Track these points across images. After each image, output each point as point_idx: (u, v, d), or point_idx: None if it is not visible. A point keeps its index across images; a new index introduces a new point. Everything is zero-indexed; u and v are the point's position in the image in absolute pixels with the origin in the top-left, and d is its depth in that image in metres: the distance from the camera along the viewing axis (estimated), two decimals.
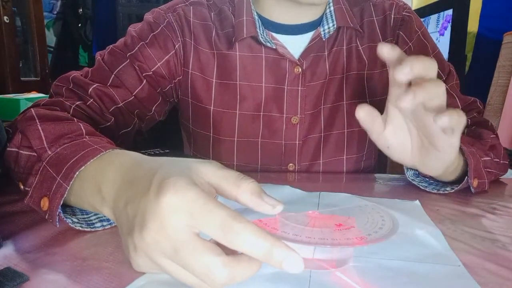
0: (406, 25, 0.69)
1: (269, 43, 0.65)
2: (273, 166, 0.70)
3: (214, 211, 0.26)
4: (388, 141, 0.47)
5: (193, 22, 0.66)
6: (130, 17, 2.63)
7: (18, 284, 0.30)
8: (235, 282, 0.27)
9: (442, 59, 0.71)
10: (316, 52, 0.66)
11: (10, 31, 1.71)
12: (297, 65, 0.66)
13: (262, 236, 0.26)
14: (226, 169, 0.31)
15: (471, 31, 1.63)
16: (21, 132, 0.46)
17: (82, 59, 2.79)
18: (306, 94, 0.67)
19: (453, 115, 0.36)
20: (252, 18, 0.65)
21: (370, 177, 0.67)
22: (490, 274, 0.33)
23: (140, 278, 0.31)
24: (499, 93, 1.31)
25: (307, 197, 0.51)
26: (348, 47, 0.68)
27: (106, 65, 0.62)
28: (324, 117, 0.69)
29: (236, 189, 0.30)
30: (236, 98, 0.67)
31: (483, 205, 0.51)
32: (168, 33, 0.65)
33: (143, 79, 0.63)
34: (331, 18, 0.66)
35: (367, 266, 0.33)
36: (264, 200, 0.30)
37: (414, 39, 0.69)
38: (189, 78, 0.67)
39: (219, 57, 0.66)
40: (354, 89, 0.69)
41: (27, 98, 1.56)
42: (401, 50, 0.41)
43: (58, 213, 0.38)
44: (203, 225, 0.27)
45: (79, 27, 2.68)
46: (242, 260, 0.27)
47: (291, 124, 0.68)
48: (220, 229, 0.26)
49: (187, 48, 0.66)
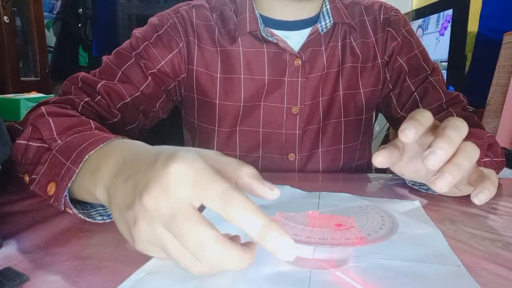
0: (394, 23, 0.74)
1: (271, 38, 0.69)
2: (275, 156, 0.73)
3: (217, 182, 0.27)
4: (402, 170, 0.47)
5: (196, 22, 0.70)
6: (130, 17, 2.63)
7: (18, 284, 0.30)
8: (225, 268, 0.27)
9: (427, 55, 0.76)
10: (314, 46, 0.71)
11: (10, 31, 1.71)
12: (297, 58, 0.70)
13: (260, 215, 0.26)
14: (228, 156, 0.32)
15: (471, 31, 1.63)
16: (31, 124, 0.48)
17: (82, 59, 2.79)
18: (305, 86, 0.71)
19: (490, 190, 0.36)
20: (254, 15, 0.69)
21: (370, 177, 0.67)
22: (490, 274, 0.33)
23: (137, 272, 0.31)
24: (499, 93, 1.32)
25: (307, 197, 0.51)
26: (343, 42, 0.73)
27: (113, 64, 0.65)
28: (323, 108, 0.73)
29: (237, 173, 0.31)
30: (240, 91, 0.71)
31: (483, 205, 0.51)
32: (172, 33, 0.68)
33: (148, 76, 0.66)
34: (327, 15, 0.71)
35: (367, 266, 0.33)
36: (263, 183, 0.31)
37: (401, 36, 0.74)
38: (194, 75, 0.70)
39: (222, 53, 0.70)
40: (349, 80, 0.73)
41: (27, 98, 1.56)
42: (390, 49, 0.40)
43: (64, 196, 0.38)
44: (205, 195, 0.27)
45: (79, 27, 2.68)
46: (236, 247, 0.27)
47: (291, 114, 0.71)
48: (221, 200, 0.27)
49: (191, 47, 0.69)
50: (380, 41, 0.74)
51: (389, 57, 0.74)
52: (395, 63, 0.74)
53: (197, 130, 0.76)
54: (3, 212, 0.45)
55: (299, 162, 0.73)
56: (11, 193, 0.51)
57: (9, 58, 1.69)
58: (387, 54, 0.74)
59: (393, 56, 0.74)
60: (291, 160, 0.73)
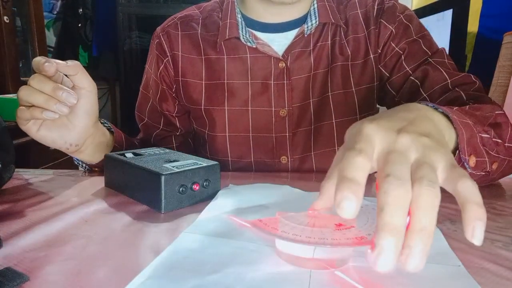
0: (387, 12, 0.71)
1: (250, 42, 0.70)
2: (267, 160, 0.73)
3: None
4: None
5: (181, 34, 0.74)
6: (130, 17, 2.63)
7: (18, 284, 0.30)
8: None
9: (430, 40, 0.70)
10: (300, 48, 0.70)
11: (10, 31, 1.71)
12: (281, 61, 0.70)
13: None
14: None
15: (471, 31, 1.63)
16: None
17: (82, 59, 2.79)
18: (291, 88, 0.71)
19: (480, 216, 0.27)
20: (235, 20, 0.71)
21: (370, 177, 0.67)
22: (490, 274, 0.33)
23: (140, 275, 0.31)
24: (499, 93, 1.31)
25: (307, 197, 0.51)
26: (332, 41, 0.71)
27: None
28: (314, 110, 0.72)
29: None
30: (224, 96, 0.72)
31: (483, 205, 0.51)
32: (157, 52, 0.75)
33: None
34: (314, 15, 0.70)
35: (367, 266, 0.33)
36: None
37: (396, 23, 0.70)
38: (180, 85, 0.74)
39: (207, 61, 0.73)
40: (339, 80, 0.71)
41: None
42: (384, 39, 0.38)
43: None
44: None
45: (79, 27, 2.68)
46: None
47: (279, 117, 0.72)
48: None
49: (176, 59, 0.74)
50: (373, 35, 0.70)
51: (382, 46, 0.70)
52: (389, 50, 0.70)
53: (195, 134, 0.81)
54: (3, 212, 0.45)
55: (292, 164, 0.73)
56: (11, 193, 0.51)
57: (9, 58, 1.69)
58: (380, 46, 0.70)
59: (387, 44, 0.70)
60: (283, 163, 0.73)
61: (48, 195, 0.53)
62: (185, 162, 0.51)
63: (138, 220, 0.44)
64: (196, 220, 0.43)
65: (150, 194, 0.47)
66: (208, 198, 0.50)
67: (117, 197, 0.52)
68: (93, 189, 0.56)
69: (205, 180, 0.50)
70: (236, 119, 0.72)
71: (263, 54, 0.70)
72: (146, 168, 0.48)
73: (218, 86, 0.72)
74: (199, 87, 0.73)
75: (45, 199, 0.51)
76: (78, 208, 0.47)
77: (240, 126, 0.72)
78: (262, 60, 0.70)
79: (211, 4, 0.78)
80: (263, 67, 0.70)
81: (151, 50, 0.78)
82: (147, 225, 0.42)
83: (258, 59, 0.70)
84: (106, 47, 2.68)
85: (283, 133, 0.72)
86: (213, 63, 0.72)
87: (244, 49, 0.71)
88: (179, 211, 0.47)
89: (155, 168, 0.47)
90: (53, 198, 0.51)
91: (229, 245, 0.37)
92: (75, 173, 0.65)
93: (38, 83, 0.52)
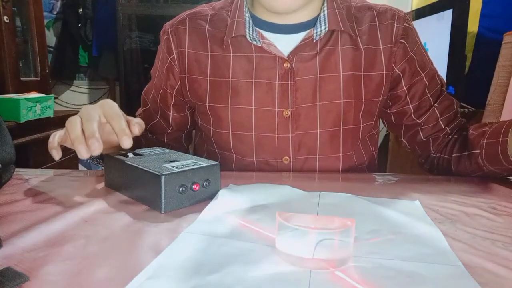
0: (408, 36, 0.72)
1: (256, 41, 0.70)
2: (269, 159, 0.74)
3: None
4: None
5: (189, 30, 0.74)
6: (130, 17, 2.63)
7: (18, 284, 0.30)
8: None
9: (434, 69, 0.76)
10: (306, 51, 0.70)
11: (10, 31, 1.71)
12: (286, 61, 0.70)
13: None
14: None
15: (471, 31, 1.63)
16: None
17: (82, 59, 2.79)
18: (296, 89, 0.70)
19: None
20: (243, 19, 0.71)
21: (370, 177, 0.67)
22: (490, 274, 0.33)
23: (140, 275, 0.31)
24: (499, 93, 1.31)
25: (307, 197, 0.51)
26: (344, 47, 0.70)
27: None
28: (320, 114, 0.71)
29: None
30: (228, 94, 0.72)
31: (483, 205, 0.51)
32: (164, 49, 0.76)
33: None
34: (324, 21, 0.70)
35: (367, 266, 0.33)
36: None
37: (415, 50, 0.73)
38: (186, 82, 0.75)
39: (212, 58, 0.73)
40: (350, 88, 0.71)
41: (27, 98, 1.56)
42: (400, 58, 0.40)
43: None
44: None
45: (79, 27, 2.68)
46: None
47: (283, 117, 0.71)
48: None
49: (183, 56, 0.74)
50: (389, 52, 0.71)
51: (403, 71, 0.73)
52: (413, 78, 0.73)
53: (199, 129, 0.82)
54: (3, 212, 0.45)
55: (294, 165, 0.73)
56: (11, 193, 0.51)
57: (9, 58, 1.69)
58: (398, 67, 0.72)
59: (408, 70, 0.73)
60: (286, 163, 0.73)
61: (48, 195, 0.53)
62: (185, 162, 0.51)
63: (138, 220, 0.44)
64: (196, 220, 0.43)
65: (150, 194, 0.47)
66: (208, 198, 0.50)
67: (117, 197, 0.52)
68: (93, 189, 0.56)
69: (205, 180, 0.50)
70: (240, 117, 0.72)
71: (269, 53, 0.70)
72: (146, 168, 0.48)
73: (222, 83, 0.72)
74: (204, 84, 0.74)
75: (45, 199, 0.51)
76: (78, 208, 0.47)
77: (243, 125, 0.73)
78: (267, 60, 0.70)
79: (222, 2, 0.78)
80: (268, 67, 0.70)
81: (160, 44, 0.79)
82: (147, 225, 0.42)
83: (264, 59, 0.70)
84: (106, 47, 2.68)
85: (285, 134, 0.72)
86: (218, 60, 0.72)
87: (250, 48, 0.71)
88: (179, 211, 0.47)
89: (155, 168, 0.47)
90: (53, 198, 0.51)
91: (229, 245, 0.37)
92: (75, 173, 0.65)
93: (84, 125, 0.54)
